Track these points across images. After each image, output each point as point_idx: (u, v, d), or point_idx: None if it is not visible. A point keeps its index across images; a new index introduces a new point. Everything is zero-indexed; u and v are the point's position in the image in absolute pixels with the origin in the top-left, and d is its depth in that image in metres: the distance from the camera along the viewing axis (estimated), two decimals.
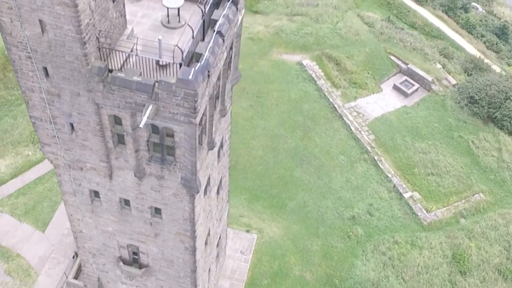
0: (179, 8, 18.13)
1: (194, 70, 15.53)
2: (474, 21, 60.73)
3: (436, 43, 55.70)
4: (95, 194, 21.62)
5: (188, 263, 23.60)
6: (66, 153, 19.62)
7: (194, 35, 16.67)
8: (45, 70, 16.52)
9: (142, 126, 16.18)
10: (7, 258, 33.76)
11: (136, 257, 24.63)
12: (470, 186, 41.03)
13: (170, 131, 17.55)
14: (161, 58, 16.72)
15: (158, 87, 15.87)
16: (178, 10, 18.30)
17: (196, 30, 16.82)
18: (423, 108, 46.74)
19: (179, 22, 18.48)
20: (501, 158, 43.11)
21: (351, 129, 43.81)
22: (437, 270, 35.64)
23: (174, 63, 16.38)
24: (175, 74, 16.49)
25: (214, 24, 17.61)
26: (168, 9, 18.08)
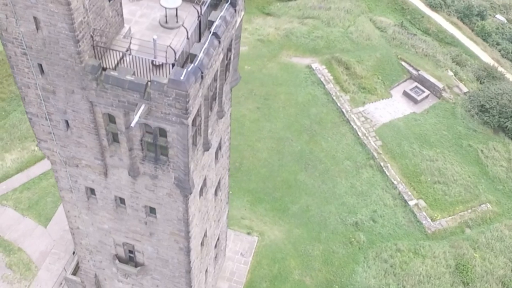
0: (177, 8, 18.15)
1: (186, 71, 15.50)
2: (490, 28, 59.86)
3: (449, 50, 55.04)
4: (91, 191, 21.71)
5: (182, 264, 23.56)
6: (62, 149, 19.74)
7: (189, 36, 16.62)
8: (40, 66, 16.62)
9: (133, 125, 16.20)
10: (9, 252, 34.08)
11: (132, 255, 24.67)
12: (477, 195, 40.39)
13: (163, 131, 17.53)
14: (155, 58, 16.73)
15: (150, 87, 15.86)
16: (176, 10, 18.31)
17: (191, 31, 16.77)
18: (433, 115, 46.15)
19: (177, 22, 18.50)
20: (510, 168, 42.39)
21: (358, 134, 43.41)
22: (439, 280, 35.12)
23: (167, 64, 16.36)
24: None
25: (211, 25, 17.57)
26: (166, 9, 18.11)
